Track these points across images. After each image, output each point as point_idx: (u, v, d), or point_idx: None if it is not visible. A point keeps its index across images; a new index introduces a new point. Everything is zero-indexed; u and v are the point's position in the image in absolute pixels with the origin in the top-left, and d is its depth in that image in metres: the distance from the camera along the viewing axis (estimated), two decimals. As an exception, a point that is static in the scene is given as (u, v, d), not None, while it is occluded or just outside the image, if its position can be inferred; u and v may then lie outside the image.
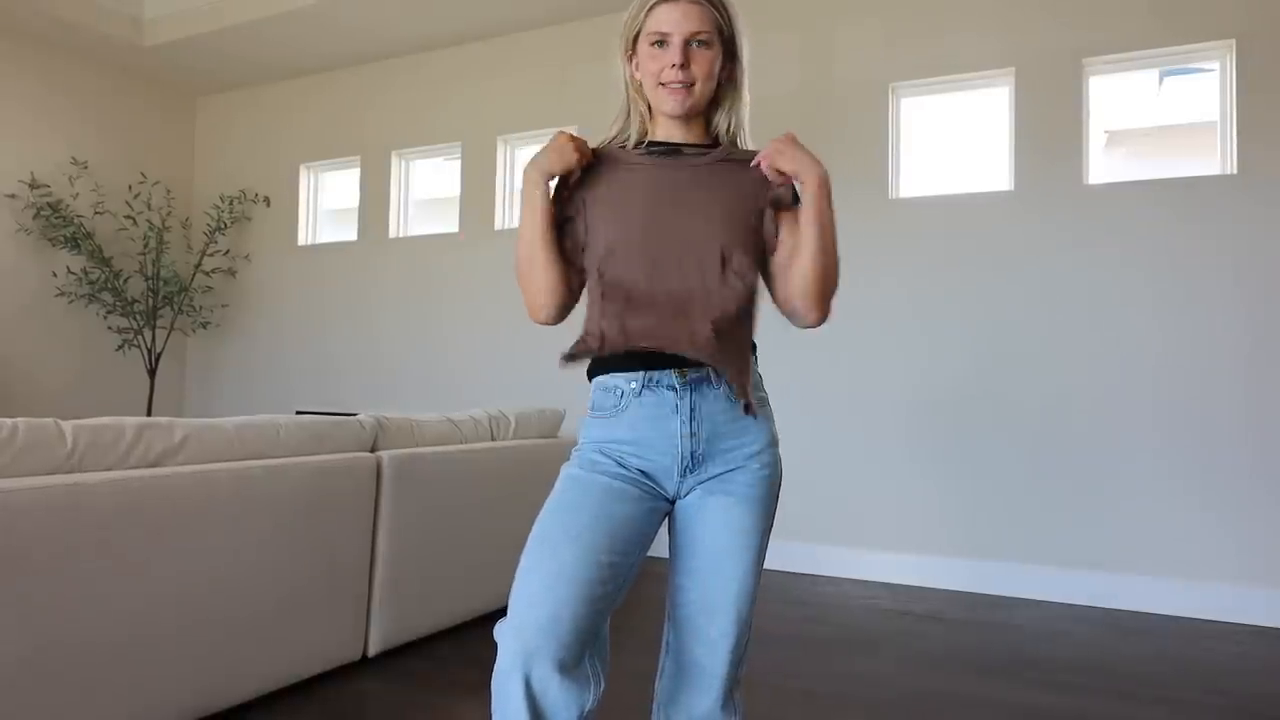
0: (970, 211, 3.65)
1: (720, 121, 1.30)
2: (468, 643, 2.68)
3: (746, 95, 1.31)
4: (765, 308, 1.33)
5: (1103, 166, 3.82)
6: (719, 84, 1.27)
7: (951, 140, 4.17)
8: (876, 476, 3.73)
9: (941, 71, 3.74)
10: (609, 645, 1.26)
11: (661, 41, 1.22)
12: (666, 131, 1.29)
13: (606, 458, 1.22)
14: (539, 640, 1.10)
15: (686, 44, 1.21)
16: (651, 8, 1.22)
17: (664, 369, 1.21)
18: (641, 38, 1.24)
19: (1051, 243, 3.48)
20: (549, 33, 4.63)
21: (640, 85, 1.28)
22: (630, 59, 1.28)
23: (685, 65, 1.21)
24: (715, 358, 1.19)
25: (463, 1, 4.41)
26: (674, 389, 1.21)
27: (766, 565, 3.73)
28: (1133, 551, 3.28)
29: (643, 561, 1.23)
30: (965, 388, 3.59)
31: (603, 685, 1.20)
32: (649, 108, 1.29)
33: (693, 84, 1.22)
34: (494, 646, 1.17)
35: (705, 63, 1.23)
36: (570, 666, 1.13)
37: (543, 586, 1.13)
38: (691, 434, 1.21)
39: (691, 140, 1.29)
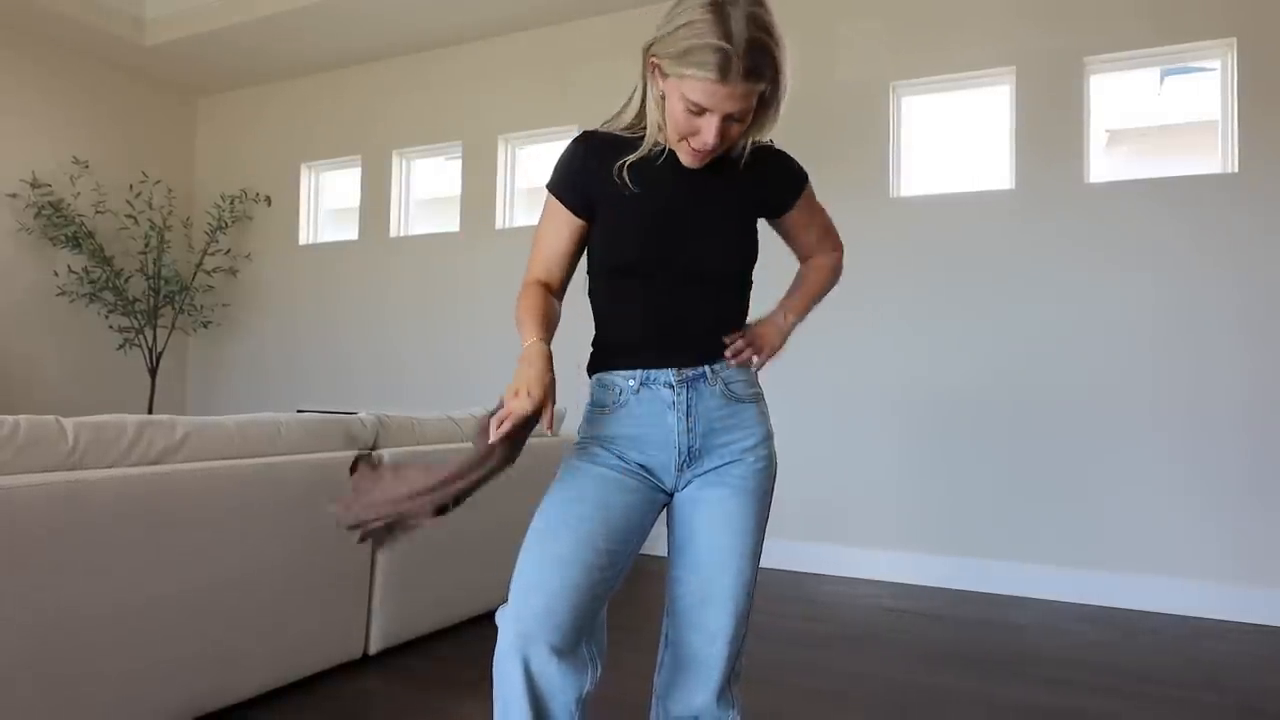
0: (971, 210, 3.65)
1: (742, 140, 1.22)
2: (468, 641, 2.68)
3: (778, 119, 1.22)
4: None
5: (1104, 165, 3.82)
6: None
7: (952, 139, 4.17)
8: (877, 475, 3.73)
9: (942, 70, 3.74)
10: (605, 632, 1.28)
11: (697, 110, 1.12)
12: None
13: (606, 450, 1.25)
14: (536, 625, 1.13)
15: (723, 119, 1.12)
16: (696, 73, 1.08)
17: (661, 368, 1.23)
18: (676, 81, 1.11)
19: (1052, 241, 3.48)
20: (549, 32, 4.63)
21: (662, 100, 1.16)
22: (654, 69, 1.15)
23: (718, 140, 1.14)
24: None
25: (463, 1, 4.41)
26: (670, 386, 1.23)
27: (768, 563, 3.77)
28: (1133, 551, 3.28)
29: (639, 550, 1.25)
30: (967, 386, 3.59)
31: (599, 670, 1.23)
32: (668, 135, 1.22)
33: (716, 151, 1.18)
34: (494, 644, 1.19)
35: (734, 134, 1.16)
36: (567, 651, 1.16)
37: (541, 573, 1.15)
38: (688, 429, 1.23)
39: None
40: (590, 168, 1.24)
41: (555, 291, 1.30)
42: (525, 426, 1.15)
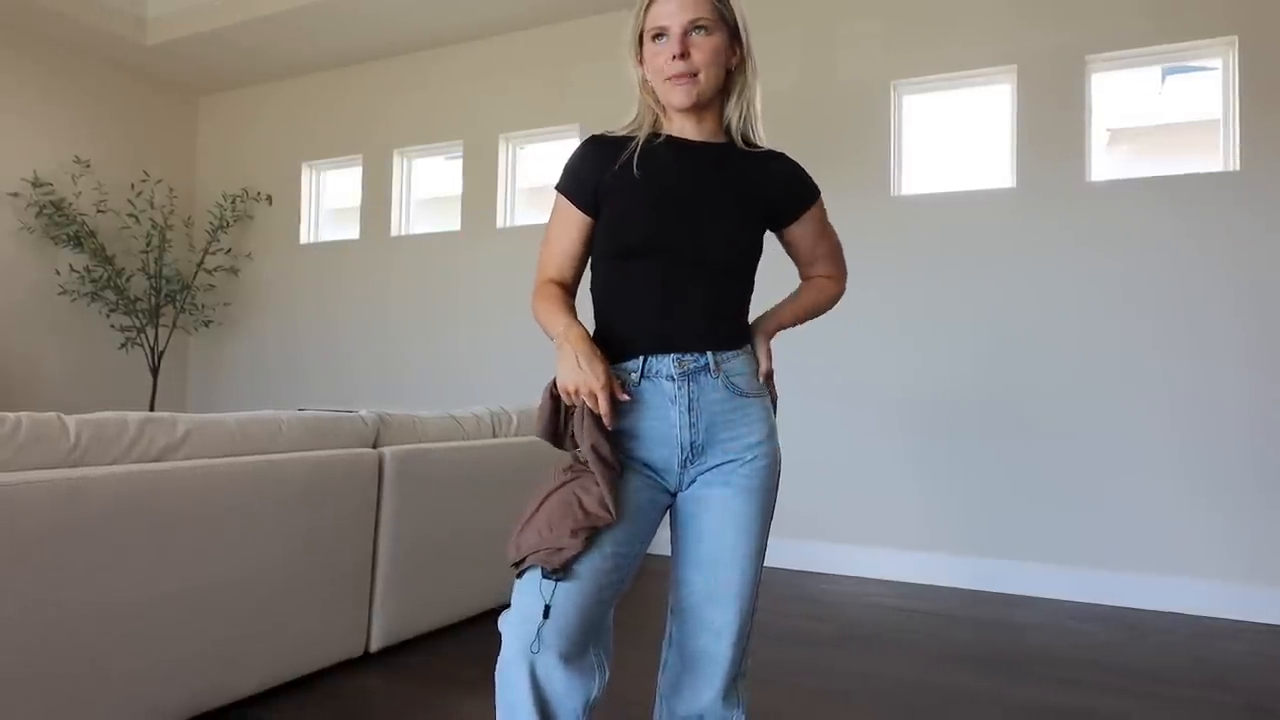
0: (972, 209, 3.64)
1: (731, 110, 1.29)
2: (469, 639, 2.68)
3: (757, 85, 1.29)
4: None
5: (1105, 164, 3.81)
6: (728, 71, 1.26)
7: (953, 138, 4.17)
8: (880, 474, 3.73)
9: (943, 69, 3.74)
10: (612, 637, 1.26)
11: (661, 34, 1.22)
12: (680, 126, 1.29)
13: None
14: (543, 630, 1.11)
15: (685, 33, 1.20)
16: (649, 4, 1.23)
17: (662, 354, 1.22)
18: (645, 36, 1.24)
19: (1053, 240, 3.48)
20: (550, 31, 4.63)
21: (651, 85, 1.27)
22: (639, 61, 1.28)
23: (685, 55, 1.20)
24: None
25: (463, 1, 4.41)
26: (672, 379, 1.22)
27: (773, 563, 3.75)
28: (1138, 550, 3.27)
29: (645, 551, 1.24)
30: (969, 385, 3.59)
31: (607, 675, 1.21)
32: (661, 106, 1.29)
33: (696, 73, 1.22)
34: (495, 643, 1.18)
35: (707, 49, 1.22)
36: (575, 656, 1.14)
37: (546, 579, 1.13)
38: (691, 424, 1.22)
39: (705, 133, 1.29)
40: (596, 165, 1.28)
41: (567, 291, 1.31)
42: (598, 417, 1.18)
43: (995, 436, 3.53)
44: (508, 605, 1.18)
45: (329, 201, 5.64)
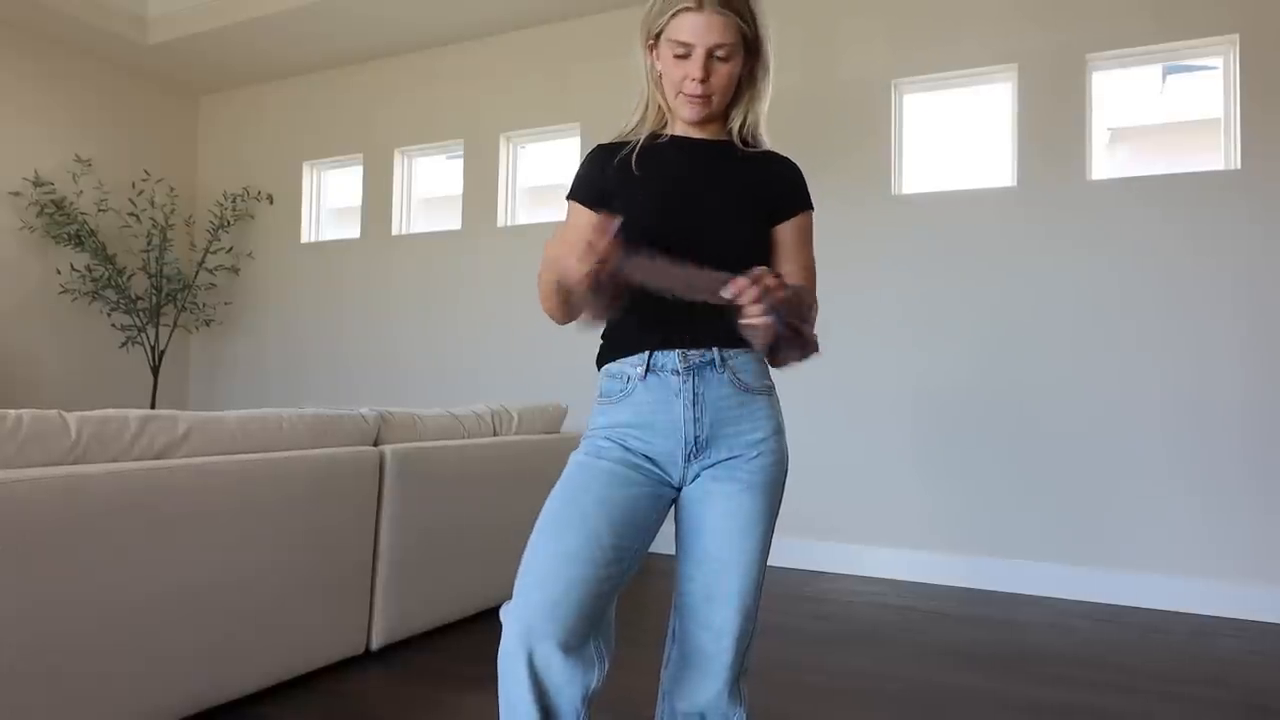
0: (973, 208, 3.64)
1: (736, 117, 1.31)
2: (470, 637, 2.68)
3: (767, 92, 1.30)
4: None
5: (1106, 163, 3.81)
6: (738, 82, 1.27)
7: (954, 137, 4.17)
8: (880, 473, 3.73)
9: (944, 68, 3.74)
10: (614, 629, 1.27)
11: (684, 51, 1.21)
12: (684, 127, 1.31)
13: (612, 443, 1.24)
14: (541, 621, 1.13)
15: (708, 56, 1.20)
16: (676, 12, 1.21)
17: (667, 349, 1.23)
18: (664, 38, 1.23)
19: (1054, 239, 3.48)
20: (551, 30, 4.63)
21: (660, 78, 1.28)
22: (651, 49, 1.28)
23: (705, 79, 1.21)
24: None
25: (464, 0, 4.42)
26: (677, 373, 1.22)
27: (775, 561, 3.76)
28: (1136, 548, 3.28)
29: (648, 547, 1.24)
30: (967, 384, 3.59)
31: (606, 667, 1.22)
32: (668, 103, 1.30)
33: (711, 95, 1.23)
34: (497, 639, 1.18)
35: (725, 76, 1.23)
36: (574, 647, 1.15)
37: (546, 569, 1.15)
38: (695, 418, 1.22)
39: (709, 134, 1.31)
40: (603, 170, 1.30)
41: None
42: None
43: (996, 435, 3.53)
44: (509, 600, 1.19)
45: (330, 201, 5.64)
